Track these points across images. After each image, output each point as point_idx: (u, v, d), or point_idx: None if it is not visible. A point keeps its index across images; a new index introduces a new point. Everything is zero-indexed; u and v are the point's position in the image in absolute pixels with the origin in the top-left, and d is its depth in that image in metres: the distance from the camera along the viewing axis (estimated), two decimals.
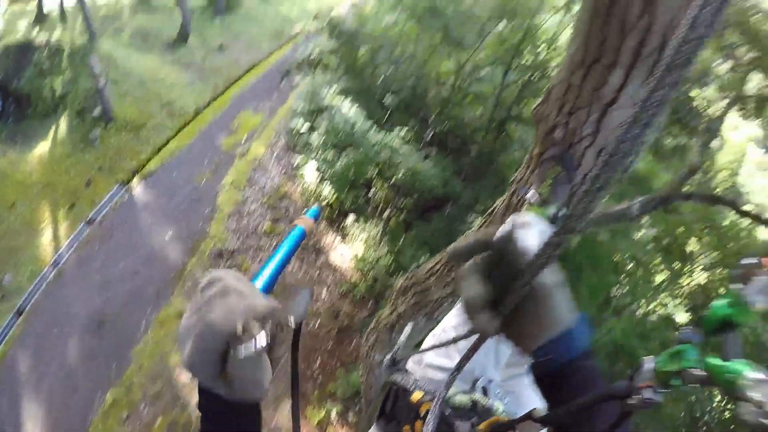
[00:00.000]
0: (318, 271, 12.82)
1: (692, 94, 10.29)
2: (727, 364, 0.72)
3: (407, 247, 12.72)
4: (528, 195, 1.81)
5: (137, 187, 14.95)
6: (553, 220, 1.60)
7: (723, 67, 11.06)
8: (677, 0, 1.51)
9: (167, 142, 16.61)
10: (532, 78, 14.10)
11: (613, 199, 10.43)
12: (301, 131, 16.74)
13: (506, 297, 0.83)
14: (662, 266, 11.92)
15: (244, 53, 22.52)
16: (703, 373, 0.75)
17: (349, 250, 13.51)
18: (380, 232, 13.40)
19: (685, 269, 11.85)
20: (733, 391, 0.68)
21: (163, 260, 12.79)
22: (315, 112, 16.58)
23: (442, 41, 15.55)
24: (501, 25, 14.51)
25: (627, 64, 1.65)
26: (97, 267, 12.62)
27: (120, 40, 20.33)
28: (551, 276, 0.84)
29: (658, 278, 11.78)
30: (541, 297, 0.83)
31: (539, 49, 14.38)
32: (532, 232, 0.94)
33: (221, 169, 15.72)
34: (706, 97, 10.87)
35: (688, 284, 11.78)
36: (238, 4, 25.34)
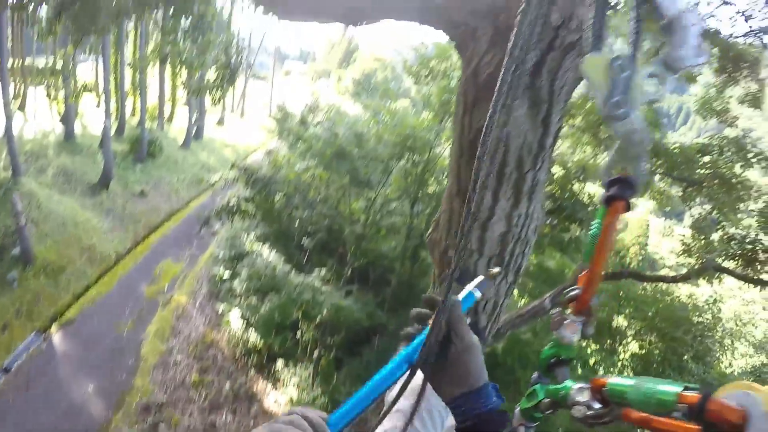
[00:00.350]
0: (252, 421, 12.50)
1: (575, 188, 11.21)
2: (559, 386, 0.93)
3: (341, 385, 12.84)
4: None
5: (56, 335, 14.41)
6: None
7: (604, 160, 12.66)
8: (523, 126, 1.85)
9: (88, 288, 16.34)
10: (439, 204, 15.06)
11: (528, 298, 11.40)
12: (224, 278, 16.93)
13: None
14: (595, 347, 12.51)
15: (164, 200, 23.08)
16: (549, 400, 0.95)
17: (282, 395, 13.41)
18: (312, 374, 13.51)
19: (616, 344, 12.57)
20: (567, 401, 0.87)
21: (86, 415, 12.12)
22: (236, 258, 16.90)
23: (351, 182, 16.46)
24: (403, 162, 15.55)
25: (494, 187, 1.95)
26: (12, 421, 11.68)
27: (43, 179, 20.24)
28: (467, 338, 0.99)
29: (593, 360, 12.31)
30: (456, 354, 0.98)
31: (441, 177, 15.35)
32: None
33: (144, 318, 15.53)
34: (591, 189, 11.79)
35: (624, 357, 12.48)
36: (158, 152, 26.15)
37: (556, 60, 1.87)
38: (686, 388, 0.68)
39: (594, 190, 11.77)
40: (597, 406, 0.82)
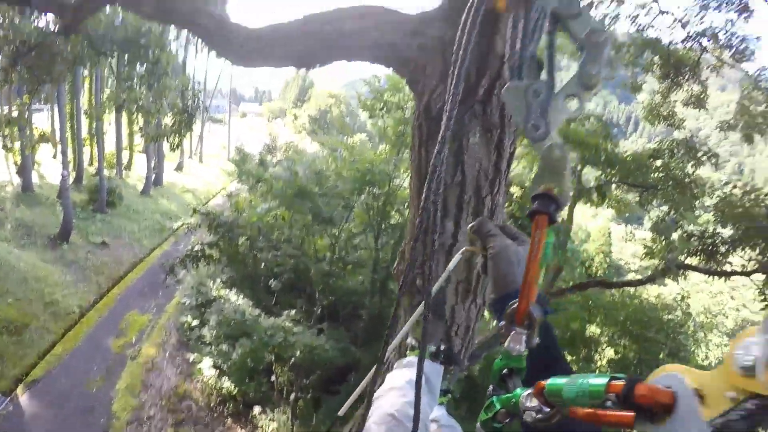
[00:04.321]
0: None
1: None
2: (510, 394, 0.96)
3: (321, 424, 12.73)
4: (407, 341, 1.95)
5: (23, 396, 13.94)
6: (434, 356, 1.81)
7: None
8: (477, 153, 1.90)
9: (53, 345, 15.95)
10: (402, 235, 14.55)
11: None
12: (192, 326, 16.65)
13: None
14: (572, 358, 12.43)
15: (126, 250, 22.70)
16: (503, 409, 0.98)
17: None
18: (290, 416, 13.38)
19: (592, 352, 12.79)
20: (518, 408, 0.89)
21: None
22: (203, 305, 16.64)
23: (314, 220, 16.58)
24: (364, 196, 15.59)
25: (454, 214, 2.01)
26: None
27: (1, 233, 19.78)
28: (496, 247, 1.14)
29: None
30: (497, 257, 1.12)
31: (403, 208, 15.50)
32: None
33: (113, 373, 15.16)
34: None
35: (601, 364, 12.69)
36: (118, 200, 25.83)
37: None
38: (613, 378, 0.72)
39: None
40: (546, 409, 0.85)
